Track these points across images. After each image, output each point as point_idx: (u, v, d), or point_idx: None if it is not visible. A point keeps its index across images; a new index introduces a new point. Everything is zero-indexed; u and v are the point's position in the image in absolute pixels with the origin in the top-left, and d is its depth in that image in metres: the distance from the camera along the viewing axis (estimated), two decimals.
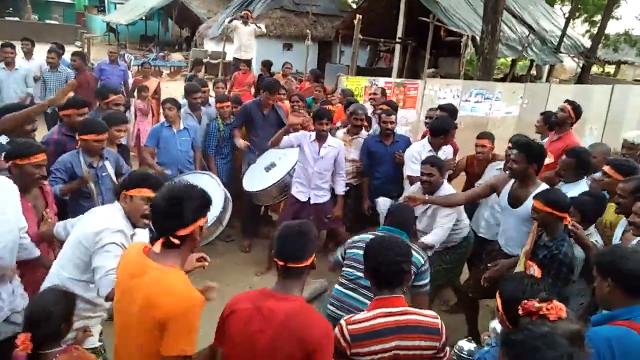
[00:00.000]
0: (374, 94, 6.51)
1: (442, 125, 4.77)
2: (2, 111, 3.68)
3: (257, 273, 5.19)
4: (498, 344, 1.96)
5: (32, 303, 2.15)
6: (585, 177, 3.85)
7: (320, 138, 4.73)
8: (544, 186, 3.46)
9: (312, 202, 4.84)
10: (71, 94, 4.06)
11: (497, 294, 2.00)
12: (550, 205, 3.00)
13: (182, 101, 5.80)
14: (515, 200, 3.57)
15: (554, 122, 5.13)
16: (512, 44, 14.73)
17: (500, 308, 1.96)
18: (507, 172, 3.69)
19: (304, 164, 4.79)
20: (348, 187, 5.15)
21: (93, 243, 2.44)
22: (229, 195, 4.84)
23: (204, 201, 1.95)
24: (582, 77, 17.03)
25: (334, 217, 4.98)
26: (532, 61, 16.46)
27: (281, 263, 1.98)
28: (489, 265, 3.57)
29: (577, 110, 5.03)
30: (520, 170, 3.49)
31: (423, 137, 5.46)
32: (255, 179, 5.23)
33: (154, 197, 1.99)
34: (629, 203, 3.01)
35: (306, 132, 4.91)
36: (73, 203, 3.67)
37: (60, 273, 2.54)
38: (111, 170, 3.82)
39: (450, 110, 5.40)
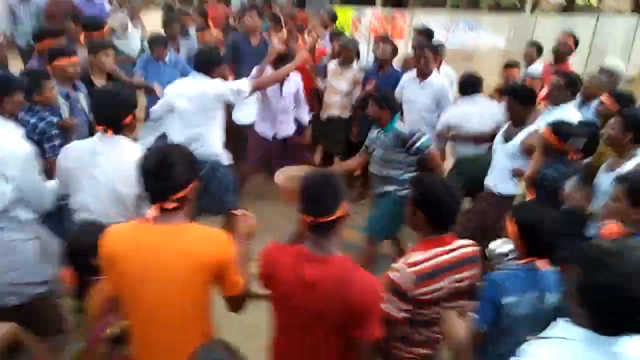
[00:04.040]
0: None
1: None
2: None
3: None
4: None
5: (67, 239, 2.13)
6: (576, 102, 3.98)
7: None
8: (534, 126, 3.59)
9: (279, 136, 4.80)
10: None
11: (509, 221, 2.11)
12: (555, 134, 3.11)
13: None
14: (507, 137, 3.73)
15: (557, 56, 5.23)
16: None
17: (515, 234, 2.07)
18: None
19: (267, 101, 4.67)
20: (336, 118, 5.20)
21: None
22: None
23: (195, 164, 1.85)
24: (567, 9, 16.82)
25: (300, 147, 5.02)
26: None
27: (310, 219, 1.77)
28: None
29: (577, 42, 5.33)
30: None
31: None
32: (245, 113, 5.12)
33: (143, 160, 1.77)
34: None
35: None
36: None
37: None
38: (85, 103, 3.60)
39: (426, 33, 5.46)
